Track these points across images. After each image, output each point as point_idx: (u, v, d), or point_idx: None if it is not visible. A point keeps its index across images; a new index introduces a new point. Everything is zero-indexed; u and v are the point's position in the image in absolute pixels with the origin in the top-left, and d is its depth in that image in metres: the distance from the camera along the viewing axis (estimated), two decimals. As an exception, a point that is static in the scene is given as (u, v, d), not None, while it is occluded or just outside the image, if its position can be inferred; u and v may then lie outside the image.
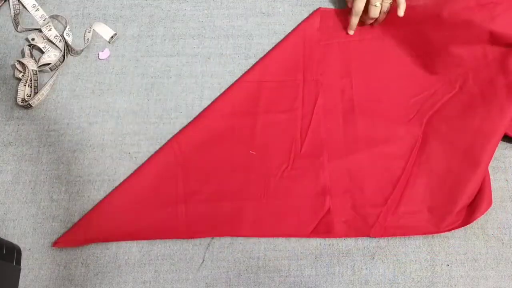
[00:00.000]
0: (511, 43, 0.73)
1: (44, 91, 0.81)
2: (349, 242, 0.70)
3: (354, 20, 0.81)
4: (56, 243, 0.70)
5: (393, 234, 0.70)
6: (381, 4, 0.79)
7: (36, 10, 0.88)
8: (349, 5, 0.82)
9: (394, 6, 0.80)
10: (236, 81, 0.81)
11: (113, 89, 0.82)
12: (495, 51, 0.75)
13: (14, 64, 0.82)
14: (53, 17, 0.88)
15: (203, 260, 0.70)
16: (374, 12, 0.79)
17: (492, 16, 0.72)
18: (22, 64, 0.82)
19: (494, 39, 0.74)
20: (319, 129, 0.77)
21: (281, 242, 0.71)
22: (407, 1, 0.78)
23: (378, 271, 0.69)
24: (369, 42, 0.83)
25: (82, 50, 0.85)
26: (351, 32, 0.83)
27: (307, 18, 0.85)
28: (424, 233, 0.70)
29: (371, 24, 0.83)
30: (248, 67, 0.83)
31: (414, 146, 0.75)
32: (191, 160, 0.75)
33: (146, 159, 0.76)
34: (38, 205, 0.74)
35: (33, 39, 0.85)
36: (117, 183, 0.74)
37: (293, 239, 0.71)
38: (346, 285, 0.68)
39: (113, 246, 0.71)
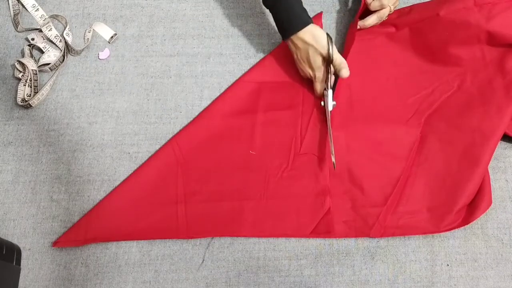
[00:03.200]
0: (509, 43, 0.74)
1: (44, 91, 0.81)
2: (349, 242, 0.70)
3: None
4: (56, 243, 0.70)
5: (393, 234, 0.70)
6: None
7: (36, 10, 0.88)
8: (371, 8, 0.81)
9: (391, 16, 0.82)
10: (236, 81, 0.81)
11: (113, 89, 0.82)
12: (493, 52, 0.76)
13: (14, 64, 0.82)
14: (53, 17, 0.88)
15: (203, 260, 0.70)
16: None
17: (490, 16, 0.72)
18: (22, 64, 0.82)
19: (492, 39, 0.74)
20: (318, 129, 0.77)
21: (281, 242, 0.71)
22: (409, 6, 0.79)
23: (378, 271, 0.69)
24: (367, 42, 0.82)
25: (82, 50, 0.85)
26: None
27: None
28: (424, 233, 0.70)
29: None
30: (248, 67, 0.83)
31: (413, 146, 0.75)
32: (191, 160, 0.75)
33: (146, 159, 0.76)
34: (38, 205, 0.74)
35: (33, 39, 0.85)
36: (117, 183, 0.74)
37: (293, 239, 0.71)
38: (346, 285, 0.68)
39: (113, 246, 0.71)
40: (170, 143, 0.76)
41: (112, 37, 0.86)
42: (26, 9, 0.88)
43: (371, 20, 0.80)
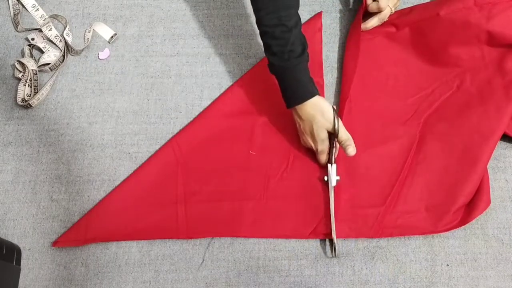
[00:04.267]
0: (509, 43, 0.74)
1: (44, 91, 0.81)
2: (349, 242, 0.70)
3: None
4: (56, 243, 0.70)
5: (391, 234, 0.70)
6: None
7: (36, 10, 0.88)
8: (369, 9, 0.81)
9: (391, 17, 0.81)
10: (236, 81, 0.81)
11: (113, 89, 0.82)
12: (492, 52, 0.76)
13: (14, 64, 0.82)
14: (53, 17, 0.88)
15: (203, 260, 0.70)
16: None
17: (490, 16, 0.72)
18: (22, 64, 0.82)
19: (492, 39, 0.74)
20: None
21: (281, 242, 0.71)
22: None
23: (378, 271, 0.69)
24: (367, 42, 0.82)
25: (82, 50, 0.85)
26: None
27: (309, 20, 0.85)
28: (422, 233, 0.69)
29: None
30: (248, 67, 0.83)
31: (412, 146, 0.75)
32: (191, 160, 0.75)
33: (146, 159, 0.76)
34: (38, 205, 0.74)
35: (33, 39, 0.85)
36: (117, 183, 0.74)
37: (293, 239, 0.71)
38: (346, 285, 0.68)
39: (113, 246, 0.71)
40: (170, 143, 0.76)
41: (112, 37, 0.86)
42: (26, 9, 0.88)
43: (372, 22, 0.80)
